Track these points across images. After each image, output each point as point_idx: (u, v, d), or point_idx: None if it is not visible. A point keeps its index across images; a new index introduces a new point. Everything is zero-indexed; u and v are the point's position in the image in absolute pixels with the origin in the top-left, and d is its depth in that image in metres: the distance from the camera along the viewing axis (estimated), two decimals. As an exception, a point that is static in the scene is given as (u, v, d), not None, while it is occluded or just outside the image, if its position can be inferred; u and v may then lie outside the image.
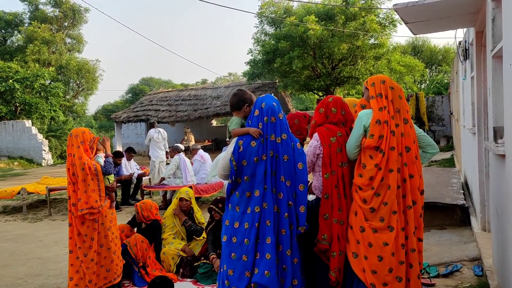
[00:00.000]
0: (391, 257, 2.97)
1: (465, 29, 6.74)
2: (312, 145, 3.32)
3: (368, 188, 3.06)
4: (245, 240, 3.05)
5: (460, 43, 7.33)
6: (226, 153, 3.22)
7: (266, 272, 2.97)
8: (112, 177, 4.47)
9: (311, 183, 3.41)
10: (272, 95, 17.76)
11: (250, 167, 3.09)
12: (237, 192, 3.16)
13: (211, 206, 4.83)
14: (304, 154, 3.19)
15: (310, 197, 3.39)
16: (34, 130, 22.16)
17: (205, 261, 4.72)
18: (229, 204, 3.21)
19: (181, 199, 5.20)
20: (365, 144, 3.10)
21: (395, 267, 2.98)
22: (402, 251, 3.01)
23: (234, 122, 3.30)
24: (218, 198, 4.92)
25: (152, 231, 5.14)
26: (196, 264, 4.77)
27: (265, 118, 3.13)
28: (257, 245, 3.03)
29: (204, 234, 5.15)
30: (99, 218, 4.19)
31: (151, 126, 11.57)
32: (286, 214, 3.06)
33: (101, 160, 4.42)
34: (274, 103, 3.20)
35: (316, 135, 3.33)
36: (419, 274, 3.08)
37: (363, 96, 3.44)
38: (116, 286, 4.30)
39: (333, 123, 3.34)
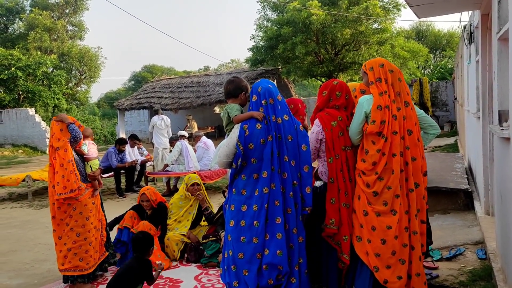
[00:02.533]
0: (394, 240, 2.99)
1: (470, 12, 6.66)
2: (314, 131, 3.31)
3: (372, 172, 3.06)
4: (255, 222, 3.06)
5: (465, 26, 7.25)
6: (229, 140, 3.22)
7: (278, 251, 3.01)
8: (96, 164, 4.41)
9: (317, 169, 3.41)
10: (271, 80, 17.37)
11: (257, 150, 3.10)
12: (242, 175, 3.15)
13: (225, 189, 4.86)
14: (307, 136, 3.20)
15: (318, 183, 3.38)
16: (38, 118, 22.20)
17: (213, 238, 4.76)
18: (233, 189, 3.21)
19: (193, 184, 5.22)
20: (367, 131, 3.09)
21: (398, 249, 3.00)
22: (405, 234, 3.03)
23: (234, 109, 3.29)
24: None
25: (159, 214, 5.16)
26: (204, 241, 4.81)
27: (263, 101, 3.15)
28: (266, 226, 3.06)
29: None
30: (78, 207, 4.11)
31: (155, 113, 11.55)
32: (291, 193, 3.09)
33: (85, 148, 4.39)
34: (270, 85, 3.21)
35: (317, 120, 3.32)
36: (421, 256, 3.10)
37: (362, 81, 3.42)
38: (83, 276, 4.17)
39: (335, 107, 3.32)
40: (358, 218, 3.13)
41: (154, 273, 3.68)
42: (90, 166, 4.32)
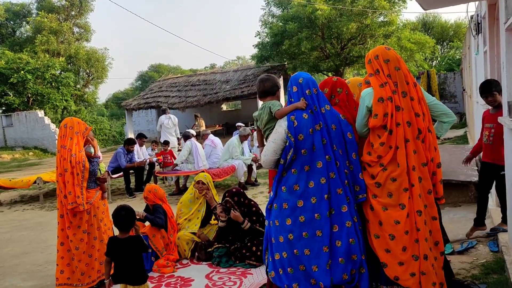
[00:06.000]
0: (404, 235, 2.90)
1: (477, 3, 6.59)
2: None
3: (377, 164, 3.00)
4: (316, 215, 2.97)
5: (472, 17, 7.18)
6: (276, 135, 3.09)
7: (351, 240, 2.96)
8: (102, 167, 4.41)
9: None
10: (276, 76, 17.27)
11: (307, 140, 3.01)
12: (293, 170, 3.03)
13: (227, 199, 4.77)
14: (350, 125, 3.14)
15: None
16: (47, 120, 22.39)
17: (218, 245, 4.77)
18: (283, 187, 3.07)
19: (198, 182, 5.23)
20: (370, 125, 3.02)
21: (410, 245, 2.90)
22: (416, 230, 2.93)
23: (277, 104, 3.22)
24: (234, 190, 4.84)
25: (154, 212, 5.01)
26: (209, 250, 4.81)
27: (307, 91, 3.10)
28: (332, 216, 2.98)
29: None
30: (91, 210, 4.14)
31: (163, 112, 11.64)
32: (346, 181, 3.03)
33: (92, 150, 4.40)
34: (310, 76, 3.21)
35: None
36: (427, 255, 2.90)
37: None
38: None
39: (337, 104, 3.27)
40: (365, 214, 3.07)
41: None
42: (99, 169, 4.34)
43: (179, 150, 10.76)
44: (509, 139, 3.79)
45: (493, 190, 5.40)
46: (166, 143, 10.21)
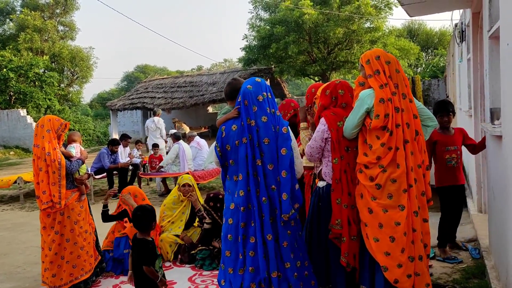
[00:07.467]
0: (403, 237, 2.88)
1: (461, 11, 6.70)
2: (319, 130, 3.23)
3: (375, 165, 2.96)
4: (241, 223, 3.07)
5: (456, 25, 7.29)
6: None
7: (251, 252, 3.01)
8: (84, 169, 4.33)
9: (321, 169, 3.33)
10: (263, 78, 17.23)
11: (233, 152, 3.08)
12: (227, 176, 3.19)
13: (204, 204, 4.86)
14: (289, 140, 3.07)
15: (321, 184, 3.31)
16: (29, 119, 22.01)
17: (202, 247, 4.73)
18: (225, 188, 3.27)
19: (184, 185, 5.17)
20: (371, 126, 2.98)
21: (407, 247, 2.89)
22: (412, 231, 2.92)
23: (221, 113, 3.33)
24: (211, 195, 4.87)
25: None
26: (193, 252, 4.77)
27: (242, 101, 3.10)
28: (245, 228, 3.05)
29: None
30: (65, 211, 4.04)
31: (153, 115, 11.70)
32: (264, 198, 3.00)
33: (73, 151, 4.29)
34: (249, 86, 3.11)
35: (322, 119, 3.24)
36: (422, 255, 2.93)
37: (360, 74, 3.29)
38: (83, 282, 4.13)
39: (341, 106, 3.26)
40: (362, 217, 3.02)
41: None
42: (78, 170, 4.24)
43: (167, 152, 10.65)
44: (492, 145, 3.85)
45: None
46: (156, 146, 10.09)
